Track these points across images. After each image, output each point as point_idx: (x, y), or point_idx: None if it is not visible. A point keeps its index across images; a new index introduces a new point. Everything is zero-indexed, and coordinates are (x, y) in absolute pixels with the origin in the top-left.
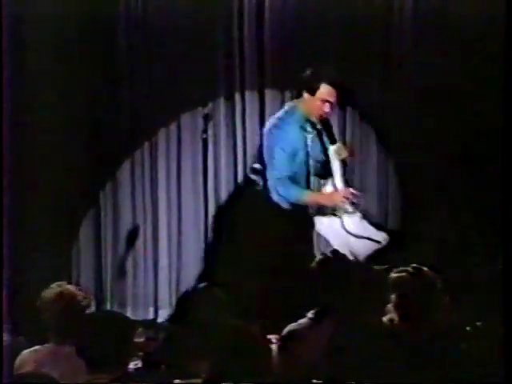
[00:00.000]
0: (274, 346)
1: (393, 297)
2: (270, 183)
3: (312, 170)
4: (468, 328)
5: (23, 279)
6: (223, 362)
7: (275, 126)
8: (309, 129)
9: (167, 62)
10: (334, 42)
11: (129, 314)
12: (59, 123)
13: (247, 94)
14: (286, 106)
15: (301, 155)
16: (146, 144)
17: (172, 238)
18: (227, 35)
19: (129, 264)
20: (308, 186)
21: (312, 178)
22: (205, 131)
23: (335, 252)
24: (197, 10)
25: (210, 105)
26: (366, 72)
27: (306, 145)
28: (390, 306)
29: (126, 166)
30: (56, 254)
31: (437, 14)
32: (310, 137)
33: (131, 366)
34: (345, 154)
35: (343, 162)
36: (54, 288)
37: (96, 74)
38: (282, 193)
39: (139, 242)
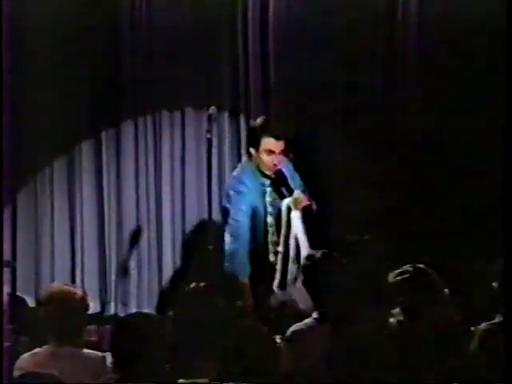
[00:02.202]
0: (279, 346)
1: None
2: (226, 249)
3: (270, 229)
4: (472, 328)
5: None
6: (228, 361)
7: (234, 189)
8: (266, 183)
9: (169, 64)
10: (336, 48)
11: None
12: (59, 125)
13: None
14: (240, 165)
15: (260, 213)
16: (150, 145)
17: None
18: (231, 40)
19: (132, 263)
20: (265, 244)
21: (269, 236)
22: (209, 131)
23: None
24: (200, 13)
25: (214, 106)
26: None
27: (265, 202)
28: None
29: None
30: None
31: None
32: (268, 191)
33: None
34: (304, 203)
35: (306, 214)
36: (51, 288)
37: (97, 77)
38: (230, 265)
39: (143, 241)
